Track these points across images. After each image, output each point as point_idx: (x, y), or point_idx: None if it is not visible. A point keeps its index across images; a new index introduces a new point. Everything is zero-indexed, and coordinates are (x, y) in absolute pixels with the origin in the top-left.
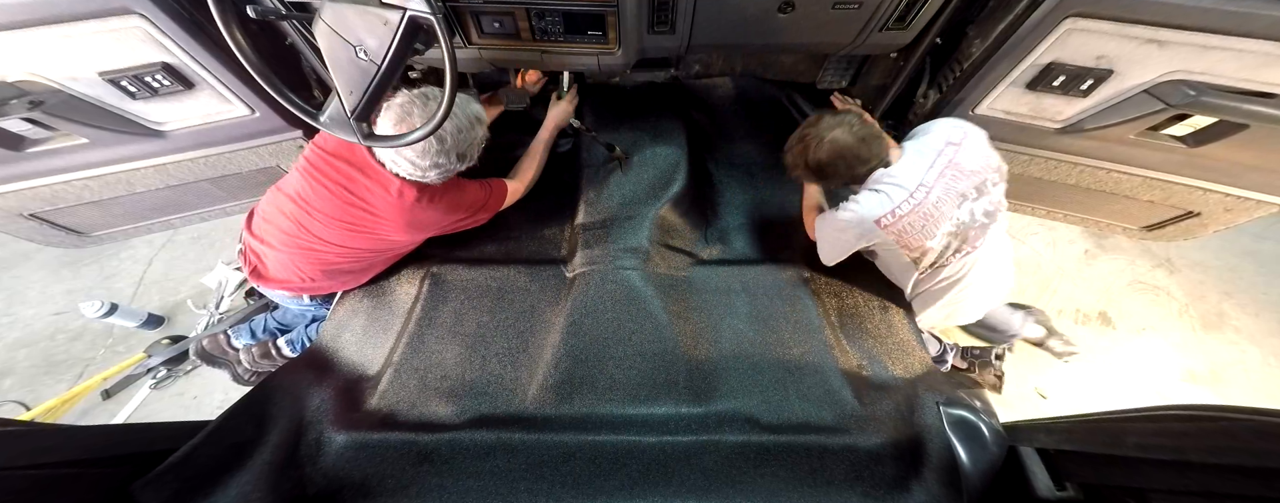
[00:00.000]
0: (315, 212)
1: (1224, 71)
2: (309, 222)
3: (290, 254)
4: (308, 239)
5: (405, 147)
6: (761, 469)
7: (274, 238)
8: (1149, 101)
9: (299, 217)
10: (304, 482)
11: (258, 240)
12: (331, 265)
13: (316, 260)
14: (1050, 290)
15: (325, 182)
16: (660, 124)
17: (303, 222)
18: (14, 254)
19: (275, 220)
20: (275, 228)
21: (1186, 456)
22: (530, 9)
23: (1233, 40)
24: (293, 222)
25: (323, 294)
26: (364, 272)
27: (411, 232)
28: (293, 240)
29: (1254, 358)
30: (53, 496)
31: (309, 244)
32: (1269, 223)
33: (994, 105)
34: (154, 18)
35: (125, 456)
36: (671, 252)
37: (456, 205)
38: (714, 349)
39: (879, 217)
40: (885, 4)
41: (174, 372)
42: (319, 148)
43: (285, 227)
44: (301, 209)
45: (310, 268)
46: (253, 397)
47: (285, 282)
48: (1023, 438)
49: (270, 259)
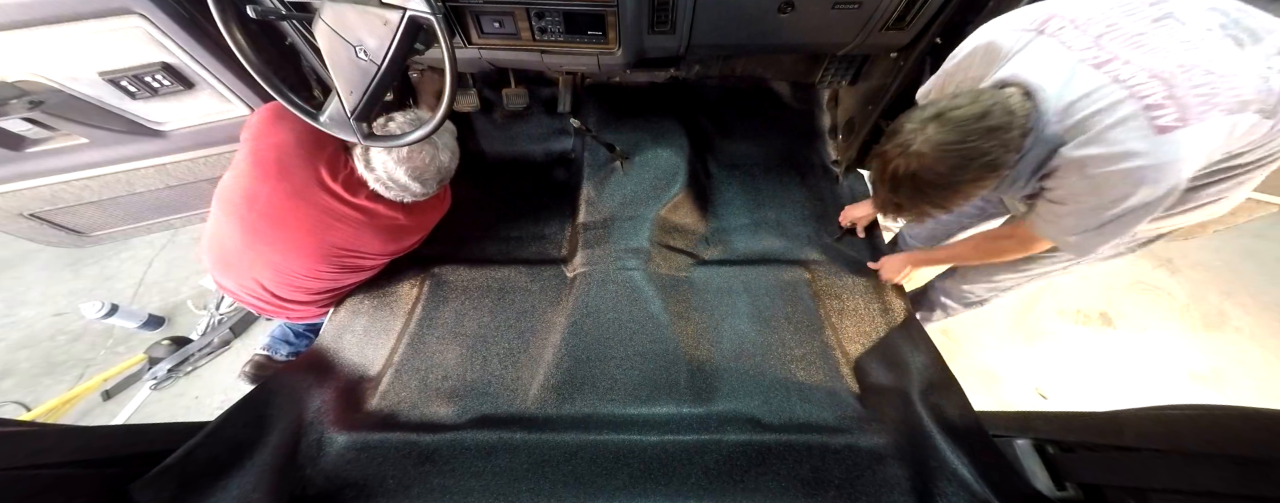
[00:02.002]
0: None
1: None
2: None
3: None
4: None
5: (406, 173)
6: (762, 469)
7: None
8: None
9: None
10: (304, 482)
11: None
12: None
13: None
14: (1051, 290)
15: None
16: (661, 124)
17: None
18: (14, 255)
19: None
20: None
21: (1183, 444)
22: (530, 9)
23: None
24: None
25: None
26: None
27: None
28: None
29: (1255, 358)
30: (53, 496)
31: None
32: (1269, 223)
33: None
34: (154, 18)
35: (125, 456)
36: (672, 252)
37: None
38: (715, 349)
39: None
40: (885, 4)
41: (174, 372)
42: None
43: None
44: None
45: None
46: (253, 397)
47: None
48: (1022, 431)
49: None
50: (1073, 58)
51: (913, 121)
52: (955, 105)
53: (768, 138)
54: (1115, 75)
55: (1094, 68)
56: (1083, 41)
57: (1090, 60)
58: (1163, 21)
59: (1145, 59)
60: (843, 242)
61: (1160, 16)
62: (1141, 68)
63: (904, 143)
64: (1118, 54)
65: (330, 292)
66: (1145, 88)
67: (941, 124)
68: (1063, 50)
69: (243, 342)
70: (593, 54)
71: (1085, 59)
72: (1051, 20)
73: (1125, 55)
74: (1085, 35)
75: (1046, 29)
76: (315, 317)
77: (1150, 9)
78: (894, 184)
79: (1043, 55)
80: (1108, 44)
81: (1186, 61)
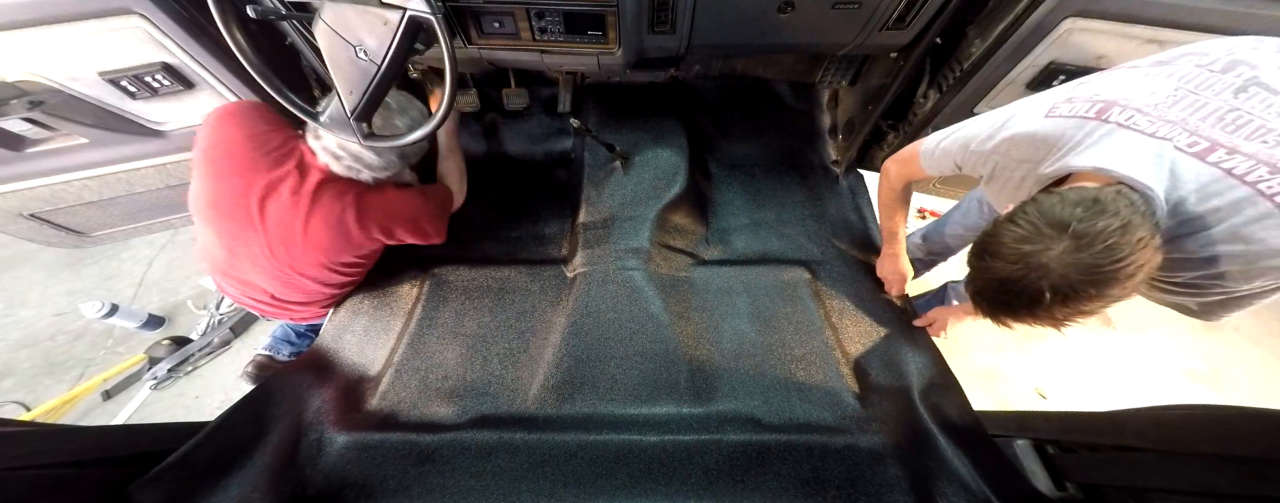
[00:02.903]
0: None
1: None
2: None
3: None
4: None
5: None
6: (763, 469)
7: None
8: None
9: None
10: (304, 482)
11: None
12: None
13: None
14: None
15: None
16: (661, 124)
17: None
18: (14, 255)
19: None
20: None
21: (1182, 444)
22: (530, 9)
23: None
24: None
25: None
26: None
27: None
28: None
29: (1254, 358)
30: (53, 496)
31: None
32: None
33: (994, 105)
34: (154, 18)
35: (125, 456)
36: (672, 252)
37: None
38: (715, 349)
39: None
40: (885, 4)
41: (174, 372)
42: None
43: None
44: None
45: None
46: (253, 397)
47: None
48: (1022, 431)
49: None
50: (1165, 148)
51: (1029, 235)
52: (1056, 202)
53: (768, 138)
54: (1229, 169)
55: (1196, 159)
56: (1166, 129)
57: (1188, 149)
58: (1248, 92)
59: (1255, 148)
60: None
61: (1242, 86)
62: (1256, 159)
63: (1029, 266)
64: (1219, 141)
65: (327, 287)
66: (1272, 184)
67: (1076, 239)
68: (1146, 140)
69: (243, 342)
70: (593, 54)
71: (1182, 148)
72: (1113, 109)
73: (1228, 142)
74: (1165, 122)
75: (1110, 118)
76: (317, 317)
77: (1225, 77)
78: (1035, 312)
79: (1124, 147)
80: (1203, 130)
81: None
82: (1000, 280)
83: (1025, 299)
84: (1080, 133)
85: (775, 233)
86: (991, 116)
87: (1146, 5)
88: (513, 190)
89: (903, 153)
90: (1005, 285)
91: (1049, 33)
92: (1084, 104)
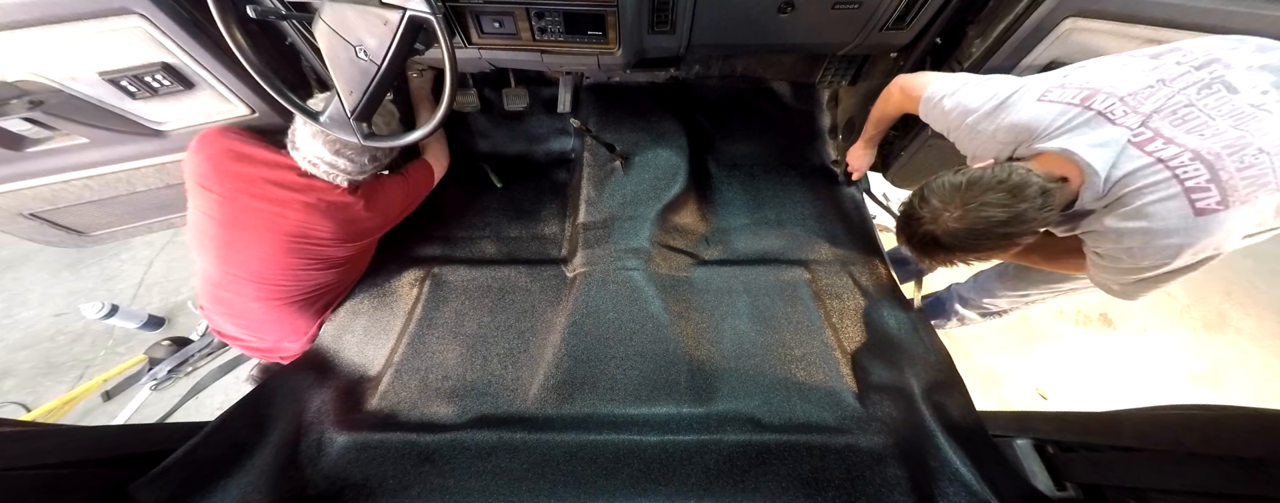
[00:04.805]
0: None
1: None
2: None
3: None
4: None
5: (325, 147)
6: (763, 469)
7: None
8: None
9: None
10: (304, 483)
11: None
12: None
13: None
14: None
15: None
16: (661, 124)
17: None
18: (15, 255)
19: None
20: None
21: (1183, 444)
22: (530, 9)
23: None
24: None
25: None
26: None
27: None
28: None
29: (1255, 358)
30: (53, 496)
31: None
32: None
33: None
34: (154, 18)
35: (125, 456)
36: (672, 252)
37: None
38: (715, 349)
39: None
40: (885, 4)
41: (175, 373)
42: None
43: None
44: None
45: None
46: (253, 397)
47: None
48: (1022, 431)
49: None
50: (1122, 136)
51: (941, 192)
52: (986, 179)
53: (768, 138)
54: (1159, 155)
55: (1137, 147)
56: (1132, 119)
57: (1135, 139)
58: (1211, 88)
59: (1191, 140)
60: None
61: (1208, 82)
62: (1185, 148)
63: (933, 216)
64: (1161, 132)
65: (311, 292)
66: (1188, 170)
67: (967, 198)
68: (1112, 128)
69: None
70: (593, 54)
71: (1132, 138)
72: (1097, 96)
73: (1168, 134)
74: (1134, 113)
75: (1093, 105)
76: (305, 346)
77: (1197, 73)
78: (924, 247)
79: (1089, 134)
80: (1153, 121)
81: (1235, 141)
82: (913, 218)
83: (919, 237)
84: (1063, 119)
85: (775, 233)
86: (993, 87)
87: (1146, 5)
88: (513, 190)
89: (911, 84)
90: (909, 222)
91: (1049, 32)
92: (1074, 90)
